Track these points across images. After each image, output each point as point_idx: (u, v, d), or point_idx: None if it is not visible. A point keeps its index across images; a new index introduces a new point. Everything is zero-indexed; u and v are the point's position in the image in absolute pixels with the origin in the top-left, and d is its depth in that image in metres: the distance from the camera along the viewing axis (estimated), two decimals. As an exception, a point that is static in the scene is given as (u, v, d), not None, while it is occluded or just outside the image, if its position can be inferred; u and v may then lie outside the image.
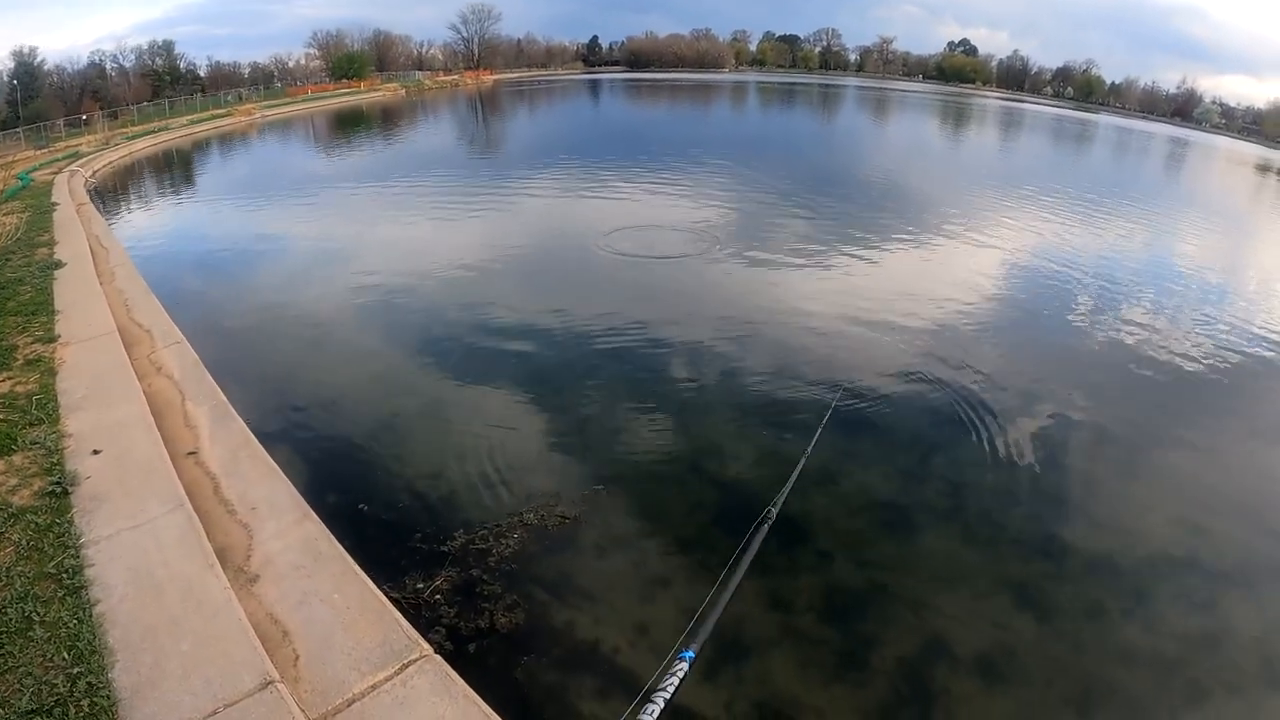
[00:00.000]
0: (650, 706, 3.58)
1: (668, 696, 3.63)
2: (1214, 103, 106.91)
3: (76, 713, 3.34)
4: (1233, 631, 5.37)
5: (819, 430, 7.25)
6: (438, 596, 5.03)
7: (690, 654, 3.75)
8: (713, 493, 6.54)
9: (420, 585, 5.11)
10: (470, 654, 4.57)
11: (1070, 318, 12.08)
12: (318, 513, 5.05)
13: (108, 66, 65.52)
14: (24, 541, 4.50)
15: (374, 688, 3.66)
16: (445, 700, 3.61)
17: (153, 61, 67.58)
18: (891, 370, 9.20)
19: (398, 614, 4.18)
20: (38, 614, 3.93)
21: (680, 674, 3.65)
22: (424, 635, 4.11)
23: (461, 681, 3.75)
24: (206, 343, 8.38)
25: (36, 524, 4.69)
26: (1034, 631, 5.19)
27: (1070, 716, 4.59)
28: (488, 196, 20.30)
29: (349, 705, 3.57)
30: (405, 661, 3.82)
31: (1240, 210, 31.10)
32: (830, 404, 7.98)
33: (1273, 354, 11.23)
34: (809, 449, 6.79)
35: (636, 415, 7.86)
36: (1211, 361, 10.58)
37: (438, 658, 3.90)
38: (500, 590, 5.11)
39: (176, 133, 38.43)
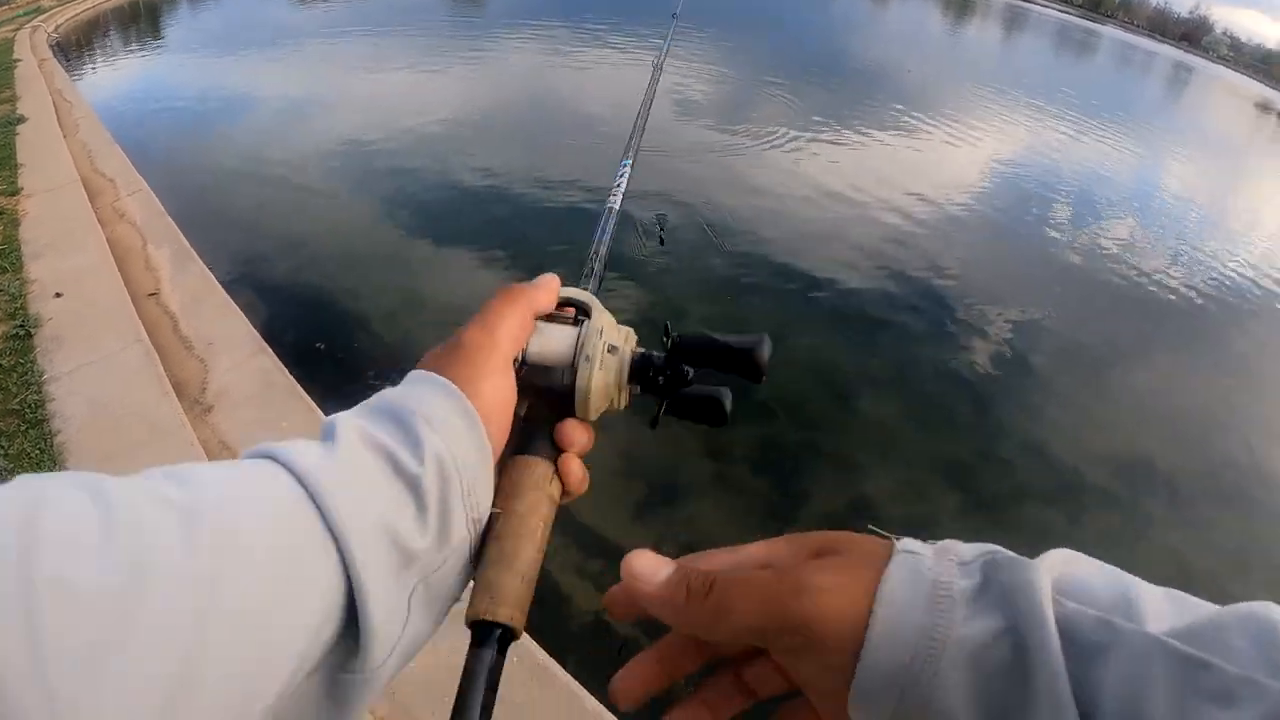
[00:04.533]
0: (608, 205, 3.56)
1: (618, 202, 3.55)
2: (1225, 33, 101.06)
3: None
4: (1149, 524, 5.55)
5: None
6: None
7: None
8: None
9: (373, 414, 5.21)
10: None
11: (1047, 227, 11.52)
12: (274, 349, 5.04)
13: (64, -91, 60.67)
14: (-13, 384, 4.57)
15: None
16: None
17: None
18: (859, 253, 8.81)
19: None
20: (2, 447, 4.04)
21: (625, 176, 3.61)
22: (375, 458, 4.21)
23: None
24: (171, 192, 8.09)
25: (1, 366, 4.76)
26: (958, 504, 5.30)
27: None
28: (471, 51, 19.01)
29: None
30: (354, 480, 3.94)
31: (1237, 145, 29.96)
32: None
33: (1249, 287, 10.94)
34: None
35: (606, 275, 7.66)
36: (1185, 289, 10.21)
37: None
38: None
39: (144, -18, 35.94)
